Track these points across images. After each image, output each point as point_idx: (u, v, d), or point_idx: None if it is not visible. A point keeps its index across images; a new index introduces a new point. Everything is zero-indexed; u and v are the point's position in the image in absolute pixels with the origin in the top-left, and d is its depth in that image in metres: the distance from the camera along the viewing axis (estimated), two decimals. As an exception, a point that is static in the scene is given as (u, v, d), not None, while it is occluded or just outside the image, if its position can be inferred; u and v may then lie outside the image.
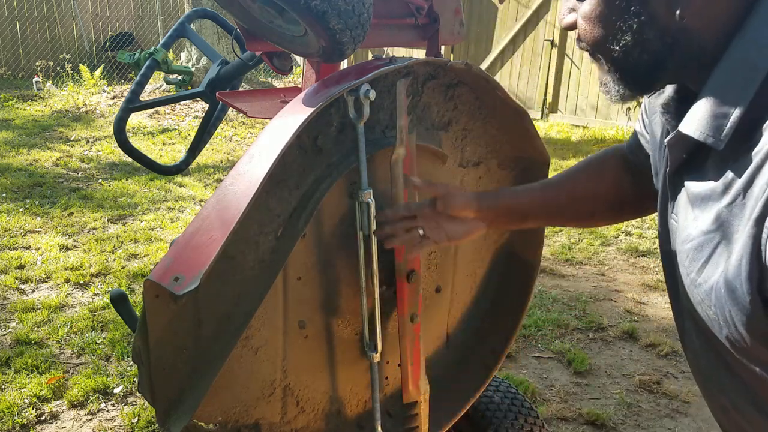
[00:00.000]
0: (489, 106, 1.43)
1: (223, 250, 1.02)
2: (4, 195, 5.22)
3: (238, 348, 1.19)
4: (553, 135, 8.23)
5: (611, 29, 0.88)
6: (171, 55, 6.41)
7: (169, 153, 6.74)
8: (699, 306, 0.87)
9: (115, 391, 2.78)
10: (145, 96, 8.01)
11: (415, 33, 1.58)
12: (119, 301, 1.56)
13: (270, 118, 1.19)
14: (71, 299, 3.61)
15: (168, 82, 2.16)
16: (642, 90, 0.95)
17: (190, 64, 9.15)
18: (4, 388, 2.77)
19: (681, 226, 0.90)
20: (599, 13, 0.88)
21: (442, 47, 1.64)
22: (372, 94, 1.16)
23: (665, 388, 2.88)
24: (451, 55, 9.31)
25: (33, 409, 2.65)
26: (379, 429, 1.38)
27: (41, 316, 3.37)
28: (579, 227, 1.48)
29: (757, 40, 0.80)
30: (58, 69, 10.60)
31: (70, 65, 10.52)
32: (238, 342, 1.16)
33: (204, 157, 6.49)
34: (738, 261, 0.77)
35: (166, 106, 8.46)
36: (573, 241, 4.64)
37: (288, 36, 1.35)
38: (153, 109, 8.34)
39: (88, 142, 7.09)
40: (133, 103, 1.91)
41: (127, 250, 4.27)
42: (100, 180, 5.77)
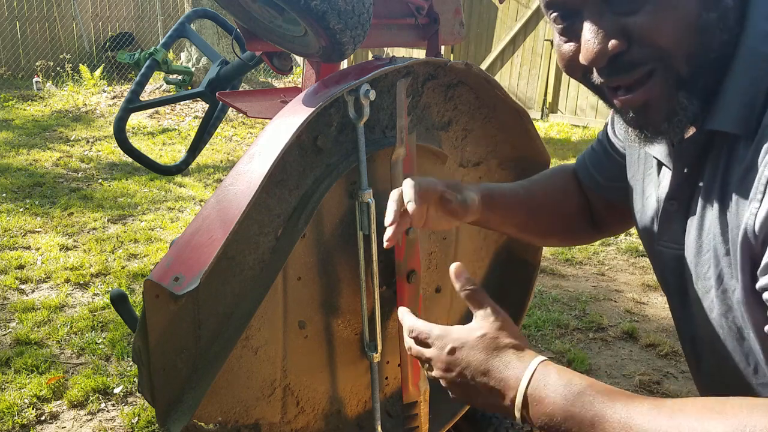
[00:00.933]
0: (489, 106, 1.43)
1: (223, 250, 1.02)
2: (4, 195, 5.22)
3: (238, 348, 1.19)
4: (553, 135, 8.23)
5: (706, 30, 0.79)
6: (171, 55, 6.41)
7: (169, 153, 6.74)
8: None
9: (115, 391, 2.78)
10: (145, 96, 8.02)
11: (415, 33, 1.58)
12: (119, 301, 1.56)
13: (270, 118, 1.19)
14: (71, 299, 3.61)
15: (168, 82, 2.16)
16: (709, 92, 0.84)
17: (190, 64, 9.15)
18: (4, 388, 2.77)
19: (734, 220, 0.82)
20: (693, 16, 0.78)
21: (442, 47, 1.64)
22: (372, 94, 1.16)
23: (665, 388, 2.88)
24: (451, 55, 9.31)
25: (33, 409, 2.64)
26: (379, 429, 1.38)
27: (41, 316, 3.37)
28: (542, 240, 1.39)
29: (761, 32, 0.80)
30: (58, 69, 10.59)
31: (70, 65, 10.52)
32: (238, 342, 1.16)
33: (204, 157, 6.49)
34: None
35: (166, 106, 8.46)
36: (573, 241, 4.64)
37: (288, 36, 1.35)
38: (153, 109, 8.33)
39: (88, 142, 7.09)
40: (133, 103, 1.91)
41: (127, 250, 4.27)
42: (100, 180, 5.77)
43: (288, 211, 1.20)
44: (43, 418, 2.60)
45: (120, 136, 1.91)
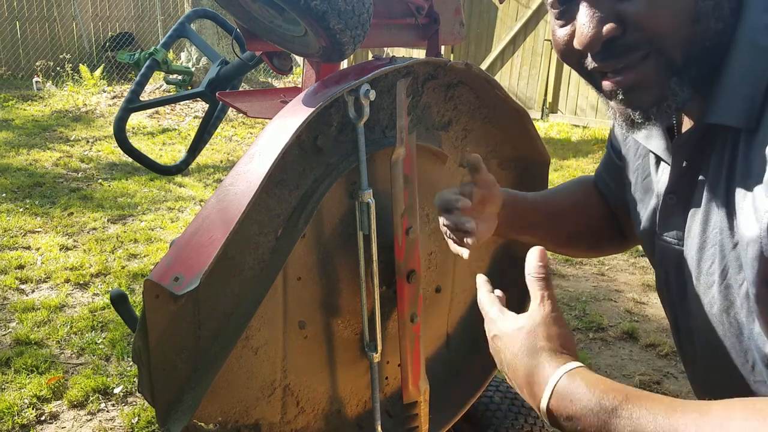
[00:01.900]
0: (489, 106, 1.43)
1: (223, 250, 1.02)
2: (4, 195, 5.22)
3: (238, 348, 1.19)
4: (553, 135, 8.23)
5: (701, 18, 0.80)
6: (171, 55, 6.41)
7: (169, 153, 6.74)
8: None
9: (115, 391, 2.78)
10: (145, 96, 8.00)
11: (415, 33, 1.58)
12: (119, 301, 1.56)
13: (270, 118, 1.19)
14: (71, 299, 3.61)
15: (168, 82, 2.16)
16: (703, 82, 0.84)
17: (190, 64, 9.15)
18: (4, 388, 2.77)
19: (743, 223, 0.81)
20: (690, 3, 0.79)
21: (442, 47, 1.64)
22: (372, 94, 1.16)
23: (665, 388, 2.88)
24: (451, 55, 9.31)
25: (33, 409, 2.65)
26: (379, 429, 1.38)
27: (41, 316, 3.37)
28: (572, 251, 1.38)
29: (758, 23, 0.80)
30: (58, 69, 10.59)
31: (70, 65, 10.52)
32: (238, 342, 1.16)
33: (204, 157, 6.49)
34: None
35: (166, 106, 8.46)
36: (573, 241, 4.64)
37: (288, 36, 1.35)
38: (153, 109, 8.34)
39: (88, 142, 7.09)
40: (133, 103, 1.91)
41: (127, 250, 4.27)
42: (100, 180, 5.77)
43: (288, 211, 1.20)
44: (43, 418, 2.60)
45: (120, 136, 1.91)
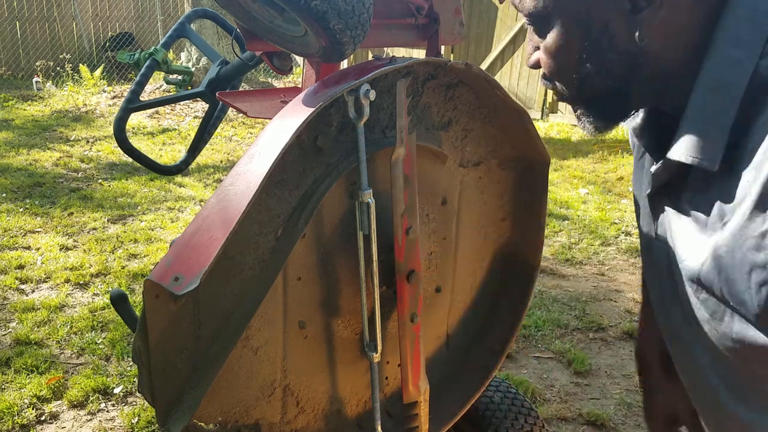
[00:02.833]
0: (489, 106, 1.43)
1: (223, 250, 1.02)
2: (4, 195, 5.22)
3: (238, 348, 1.19)
4: (553, 135, 8.23)
5: (575, 59, 0.88)
6: (171, 55, 6.41)
7: (169, 153, 6.74)
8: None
9: (115, 391, 2.78)
10: (145, 96, 8.01)
11: (415, 33, 1.58)
12: (119, 301, 1.56)
13: (270, 118, 1.19)
14: (71, 299, 3.61)
15: (168, 82, 2.16)
16: (613, 118, 0.96)
17: (190, 64, 9.15)
18: (4, 388, 2.77)
19: (680, 248, 0.89)
20: (562, 43, 0.89)
21: (442, 47, 1.64)
22: (372, 94, 1.16)
23: (665, 388, 2.87)
24: (451, 55, 9.31)
25: (33, 409, 2.65)
26: (379, 429, 1.38)
27: (41, 316, 3.37)
28: None
29: (725, 58, 0.80)
30: (58, 69, 10.59)
31: (70, 65, 10.52)
32: (238, 342, 1.16)
33: (204, 157, 6.49)
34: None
35: (166, 106, 8.46)
36: (573, 241, 4.64)
37: (288, 36, 1.35)
38: (153, 109, 8.34)
39: (88, 142, 7.09)
40: (133, 103, 1.91)
41: (127, 250, 4.27)
42: (100, 180, 5.77)
43: (288, 211, 1.20)
44: (43, 418, 2.61)
45: (120, 136, 1.91)
